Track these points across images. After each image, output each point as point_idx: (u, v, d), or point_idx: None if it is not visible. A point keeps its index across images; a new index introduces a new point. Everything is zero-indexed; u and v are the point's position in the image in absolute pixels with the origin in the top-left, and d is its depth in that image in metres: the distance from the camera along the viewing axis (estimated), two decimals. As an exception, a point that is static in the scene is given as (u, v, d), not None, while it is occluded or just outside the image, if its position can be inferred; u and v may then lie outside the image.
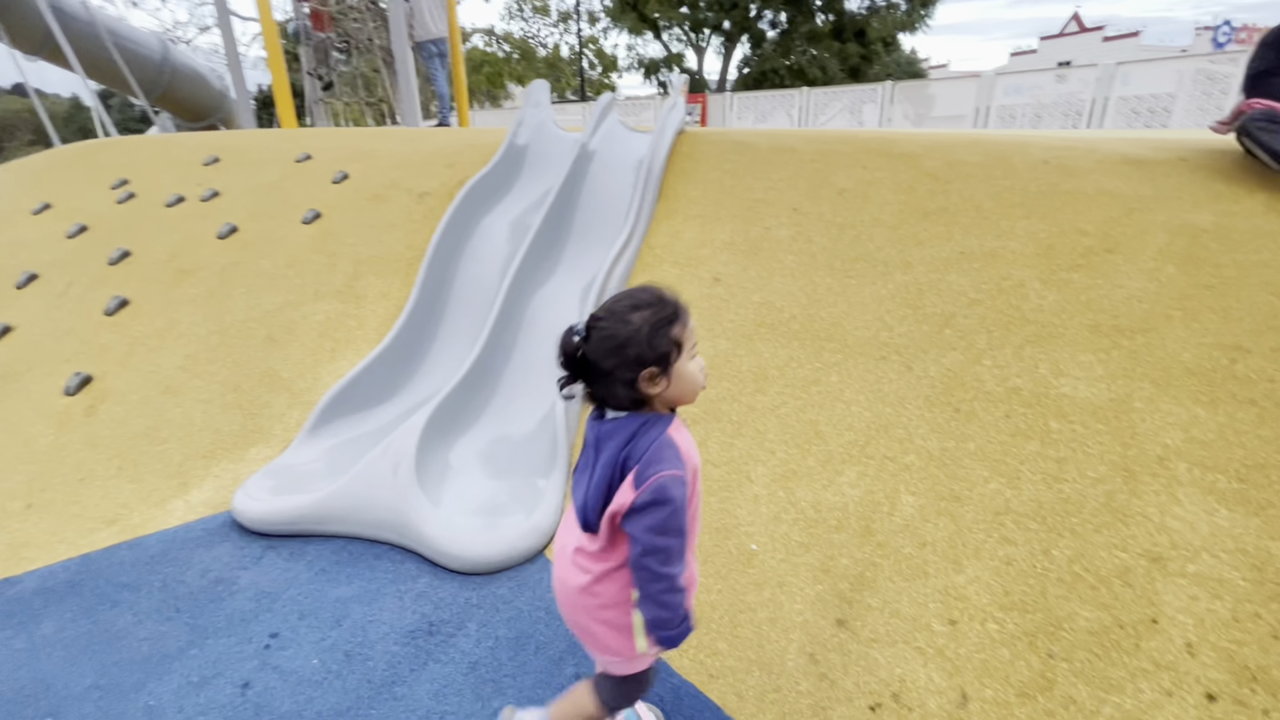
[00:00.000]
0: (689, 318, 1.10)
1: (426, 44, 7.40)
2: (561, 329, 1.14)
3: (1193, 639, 1.51)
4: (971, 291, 2.62)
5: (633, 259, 3.13)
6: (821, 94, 15.35)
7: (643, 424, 1.08)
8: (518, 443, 2.50)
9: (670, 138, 3.70)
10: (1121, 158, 3.35)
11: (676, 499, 1.04)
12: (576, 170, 3.54)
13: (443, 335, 3.06)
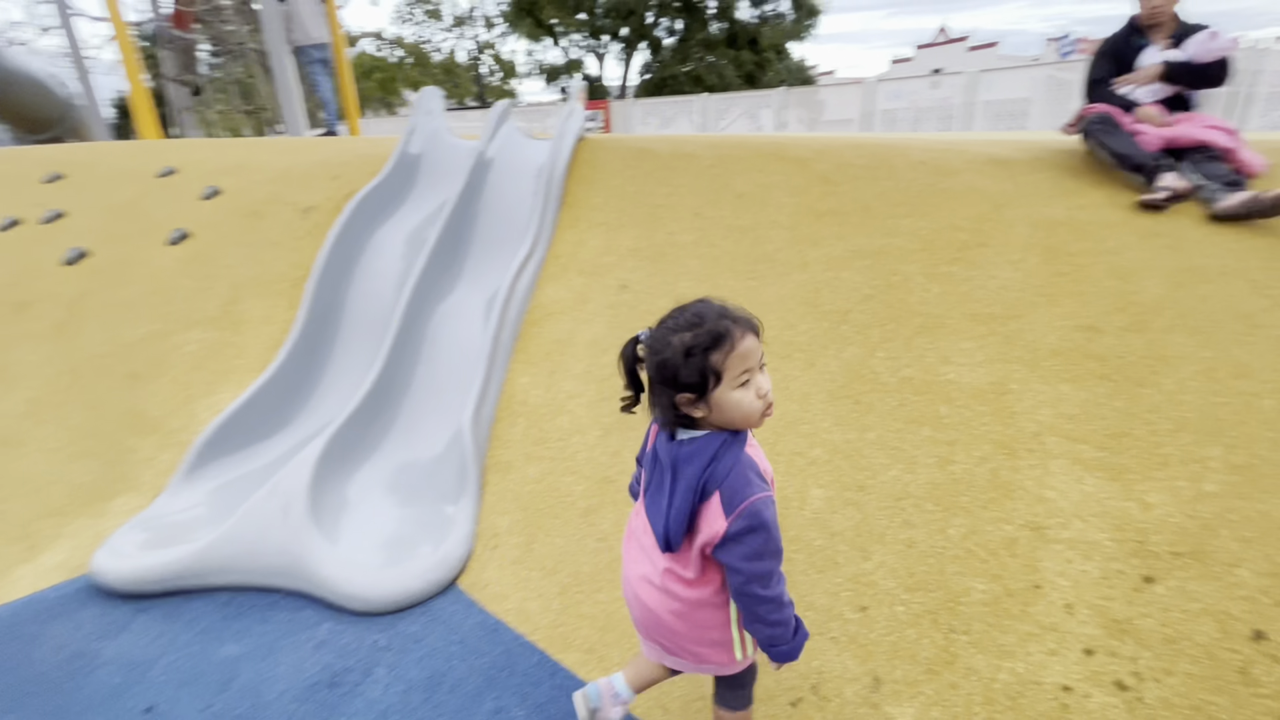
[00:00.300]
0: (741, 342, 1.01)
1: (306, 49, 6.96)
2: (466, 344, 1.07)
3: (1070, 599, 1.64)
4: (864, 288, 2.75)
5: (538, 269, 3.07)
6: (721, 100, 15.84)
7: (722, 444, 1.05)
8: (424, 469, 2.38)
9: (570, 145, 3.66)
10: (987, 158, 3.64)
11: (769, 521, 1.02)
12: (474, 180, 3.43)
13: (336, 359, 2.86)
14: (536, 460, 2.28)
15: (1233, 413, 2.02)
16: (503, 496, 2.20)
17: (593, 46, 25.24)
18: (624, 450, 2.25)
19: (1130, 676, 1.47)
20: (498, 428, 2.44)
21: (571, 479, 2.19)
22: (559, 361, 2.62)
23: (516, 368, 2.65)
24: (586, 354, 2.63)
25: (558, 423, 2.39)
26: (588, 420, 2.37)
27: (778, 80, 23.13)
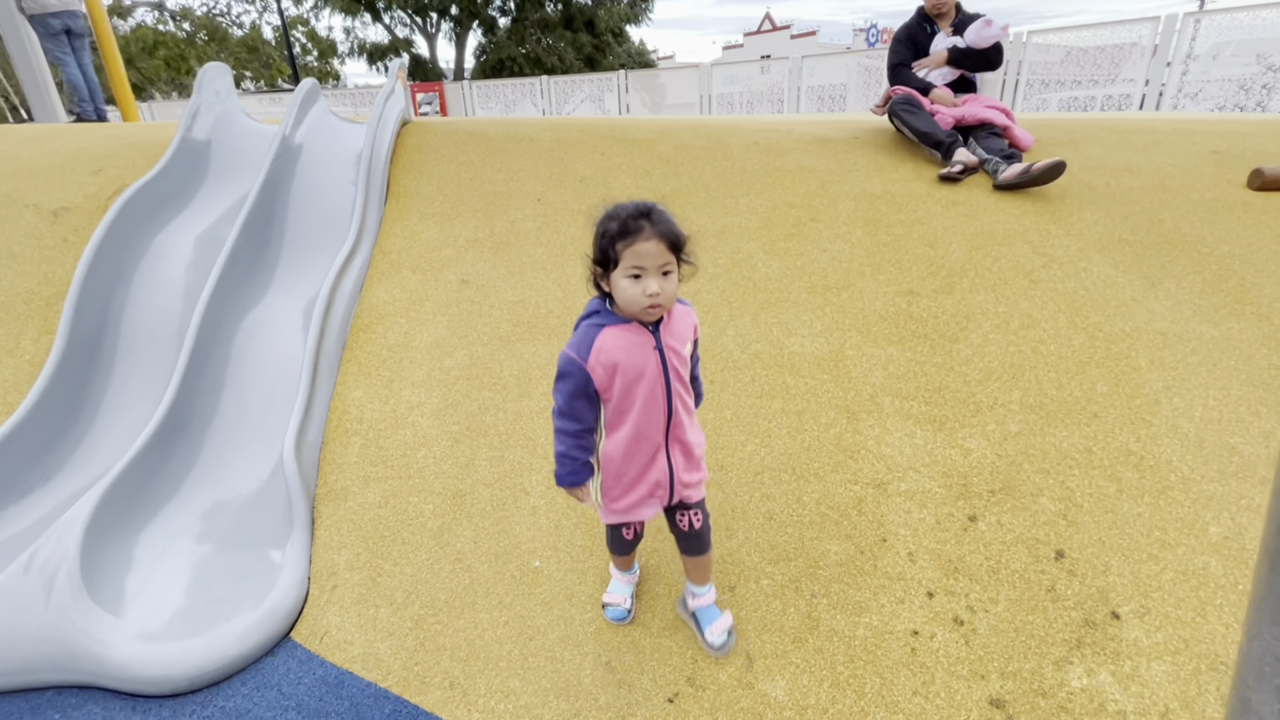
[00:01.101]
0: (642, 243, 1.16)
1: (43, 18, 5.66)
2: (282, 358, 0.95)
3: (912, 548, 1.76)
4: (711, 267, 2.78)
5: (364, 266, 2.75)
6: (564, 82, 15.57)
7: (595, 311, 1.29)
8: (239, 510, 2.03)
9: (392, 128, 3.33)
10: (813, 138, 3.85)
11: (560, 369, 1.28)
12: (279, 169, 3.00)
13: (112, 391, 2.37)
14: (377, 482, 2.04)
15: (1025, 359, 2.29)
16: (339, 528, 1.94)
17: (421, 25, 23.64)
18: (477, 459, 2.08)
19: (965, 611, 1.60)
20: (329, 450, 2.15)
21: (419, 498, 1.99)
22: (396, 369, 2.37)
23: (347, 380, 2.35)
24: (428, 358, 2.40)
25: (399, 437, 2.16)
26: (434, 431, 2.17)
27: (619, 63, 23.26)
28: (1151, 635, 1.50)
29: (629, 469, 1.37)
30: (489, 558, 1.84)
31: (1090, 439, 2.01)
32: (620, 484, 1.40)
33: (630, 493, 1.40)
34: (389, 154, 3.22)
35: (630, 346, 1.26)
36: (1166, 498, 1.82)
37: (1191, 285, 2.56)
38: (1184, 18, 8.75)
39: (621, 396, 1.29)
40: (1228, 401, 2.09)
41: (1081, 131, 3.82)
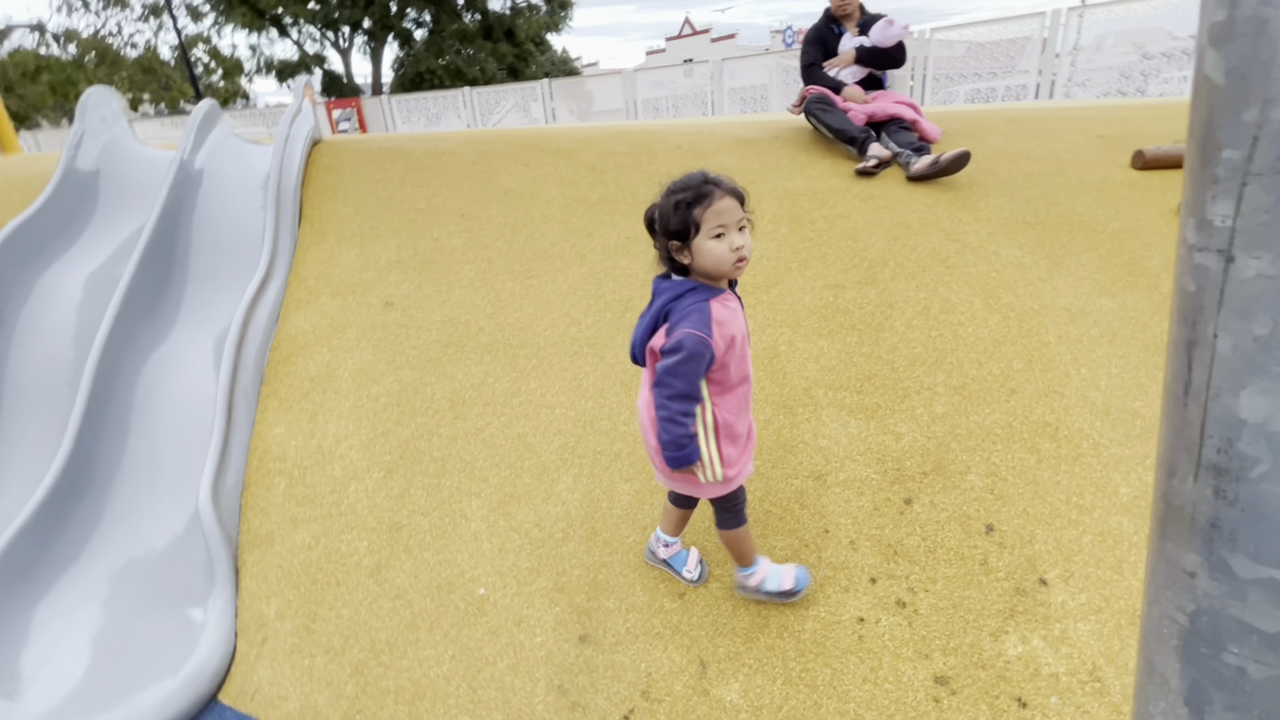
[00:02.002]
0: (718, 201, 1.24)
1: None
2: (192, 400, 0.88)
3: (853, 536, 1.80)
4: (642, 273, 2.78)
5: (279, 295, 2.61)
6: (489, 93, 15.35)
7: (691, 289, 1.30)
8: (153, 568, 1.89)
9: (301, 149, 3.18)
10: (735, 139, 3.91)
11: (689, 350, 1.25)
12: (178, 198, 2.82)
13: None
14: (306, 523, 1.93)
15: (946, 342, 2.38)
16: (267, 576, 1.82)
17: (332, 40, 22.83)
18: (412, 488, 2.00)
19: (906, 593, 1.64)
20: (251, 493, 2.02)
21: (353, 535, 1.89)
22: (320, 400, 2.26)
23: (266, 417, 2.22)
24: (354, 386, 2.30)
25: (328, 473, 2.05)
26: (364, 463, 2.07)
27: (542, 72, 23.15)
28: (1076, 597, 1.58)
29: (741, 428, 1.43)
30: (431, 590, 1.77)
31: (1010, 414, 2.11)
32: (737, 445, 1.43)
33: (745, 451, 1.46)
34: (299, 175, 3.07)
35: (734, 314, 1.33)
36: (1081, 464, 1.93)
37: (1089, 262, 2.74)
38: (1067, 13, 9.41)
39: (735, 362, 1.35)
40: (1128, 369, 2.24)
41: (983, 122, 4.03)
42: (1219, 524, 0.57)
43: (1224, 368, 0.54)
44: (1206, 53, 0.51)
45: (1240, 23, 0.48)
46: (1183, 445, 0.60)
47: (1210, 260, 0.53)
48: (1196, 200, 0.54)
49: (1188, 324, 0.57)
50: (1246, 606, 0.57)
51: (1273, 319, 0.50)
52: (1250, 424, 0.53)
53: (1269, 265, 0.49)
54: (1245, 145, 0.49)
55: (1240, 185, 0.50)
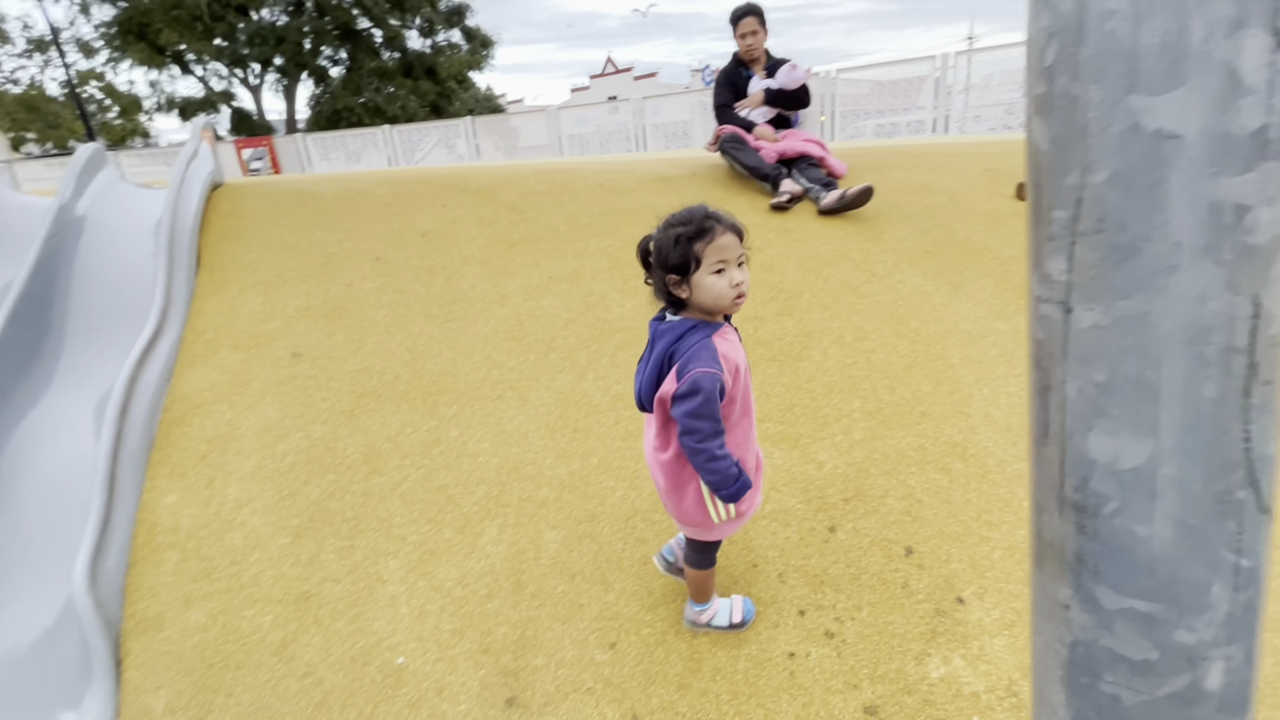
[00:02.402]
0: (720, 237, 1.24)
1: None
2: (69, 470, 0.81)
3: (781, 569, 1.81)
4: (565, 313, 2.76)
5: (173, 350, 2.43)
6: (411, 130, 15.16)
7: (691, 328, 1.30)
8: (19, 666, 1.66)
9: (199, 193, 3.01)
10: (655, 176, 3.99)
11: (705, 390, 1.24)
12: (56, 248, 2.59)
13: None
14: (201, 600, 1.77)
15: (860, 369, 2.48)
16: (155, 665, 1.64)
17: (241, 77, 22.01)
18: (323, 553, 1.87)
19: (834, 623, 1.66)
20: (137, 572, 1.84)
21: (255, 610, 1.74)
22: (219, 464, 2.09)
23: (157, 484, 2.04)
24: (257, 446, 2.15)
25: (227, 542, 1.89)
26: (269, 529, 1.93)
27: (466, 109, 23.11)
28: (990, 613, 1.64)
29: (749, 461, 1.44)
30: (344, 664, 1.64)
31: (923, 436, 2.20)
32: None
33: (754, 484, 1.46)
34: (196, 221, 2.90)
35: (734, 347, 1.35)
36: (988, 481, 2.03)
37: (985, 287, 2.93)
38: (956, 55, 10.29)
39: (740, 396, 1.36)
40: (1024, 387, 2.39)
41: (885, 158, 4.30)
42: (1084, 558, 0.60)
43: (1073, 411, 0.57)
44: (1033, 121, 0.56)
45: (1056, 96, 0.52)
46: (1047, 483, 0.62)
47: (1053, 311, 0.57)
48: (1037, 255, 0.58)
49: (1041, 370, 0.60)
50: (1115, 636, 0.59)
51: (1109, 366, 0.54)
52: (1100, 463, 0.56)
53: (1101, 317, 0.53)
54: (1071, 206, 0.53)
55: (1070, 243, 0.54)
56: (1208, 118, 0.46)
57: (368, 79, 21.30)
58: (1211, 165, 0.47)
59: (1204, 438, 0.52)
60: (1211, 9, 0.44)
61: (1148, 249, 0.50)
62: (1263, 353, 0.50)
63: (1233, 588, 0.55)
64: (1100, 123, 0.49)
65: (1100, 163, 0.50)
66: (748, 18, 3.77)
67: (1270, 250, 0.48)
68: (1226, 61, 0.45)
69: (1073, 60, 0.50)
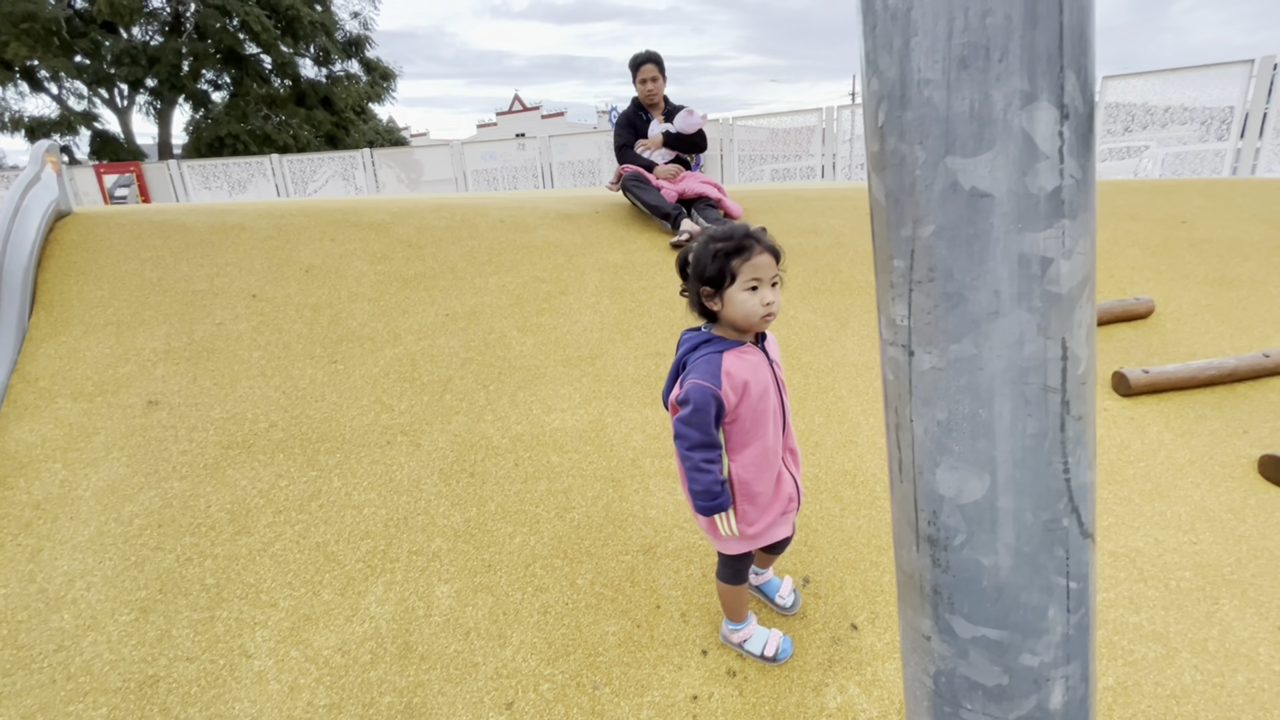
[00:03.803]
0: (757, 256, 1.29)
1: None
2: None
3: (684, 608, 1.79)
4: (463, 351, 2.67)
5: (-5, 403, 2.11)
6: (305, 160, 14.42)
7: (705, 340, 1.37)
8: None
9: (38, 223, 2.68)
10: (558, 214, 4.00)
11: (697, 403, 1.30)
12: None
13: None
14: (15, 697, 1.49)
15: (757, 402, 2.55)
16: (-54, 785, 1.37)
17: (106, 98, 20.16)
18: (175, 629, 1.65)
19: (736, 661, 1.65)
20: (-71, 671, 1.53)
21: (85, 704, 1.50)
22: (46, 532, 1.81)
23: (-37, 562, 1.73)
24: (98, 509, 1.88)
25: (53, 625, 1.63)
26: (108, 604, 1.68)
27: (365, 140, 22.35)
28: (882, 637, 1.70)
29: (761, 487, 1.42)
30: (196, 758, 1.44)
31: (817, 466, 2.29)
32: (756, 505, 1.43)
33: (767, 513, 1.45)
34: (33, 254, 2.57)
35: (751, 366, 1.35)
36: (876, 507, 2.13)
37: (869, 322, 3.13)
38: (839, 109, 11.21)
39: (749, 415, 1.36)
40: (905, 414, 2.55)
41: (778, 201, 4.55)
42: (940, 590, 0.62)
43: (921, 449, 0.60)
44: (871, 177, 0.59)
45: (888, 154, 0.55)
46: (904, 518, 0.65)
47: (898, 354, 0.60)
48: (882, 300, 0.61)
49: (892, 409, 0.63)
50: (970, 664, 0.62)
51: (948, 405, 0.57)
52: (947, 498, 0.59)
53: (938, 359, 0.56)
54: (906, 256, 0.56)
55: (909, 290, 0.57)
56: (1012, 179, 0.50)
57: (255, 105, 20.13)
58: (1019, 221, 0.51)
59: (1030, 470, 0.56)
60: (1008, 83, 0.49)
61: (972, 296, 0.53)
62: (1073, 390, 0.54)
63: (1066, 610, 0.58)
64: (925, 180, 0.53)
65: (928, 217, 0.54)
66: (648, 64, 3.93)
67: (1072, 298, 0.53)
68: (1023, 129, 0.49)
69: (899, 122, 0.54)
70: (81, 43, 18.24)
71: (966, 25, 0.49)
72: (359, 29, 22.04)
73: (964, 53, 0.49)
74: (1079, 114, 0.50)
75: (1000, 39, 0.48)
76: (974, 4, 0.48)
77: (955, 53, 0.49)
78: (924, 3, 0.50)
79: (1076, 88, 0.49)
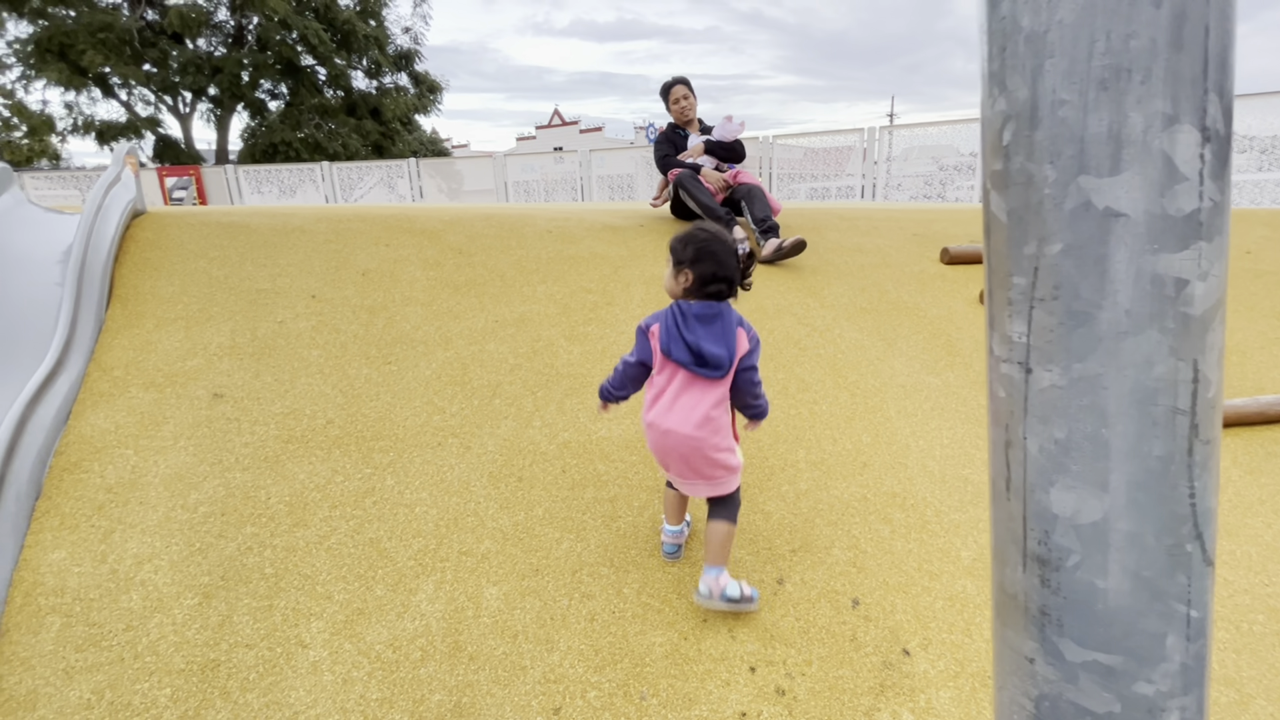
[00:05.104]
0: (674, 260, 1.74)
1: None
2: None
3: (731, 623, 1.77)
4: (511, 358, 2.71)
5: (73, 388, 2.21)
6: (352, 168, 14.91)
7: (730, 308, 1.76)
8: None
9: (117, 221, 2.82)
10: (603, 226, 4.06)
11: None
12: (-58, 273, 2.35)
13: None
14: (85, 673, 1.56)
15: (804, 419, 2.53)
16: (23, 752, 1.42)
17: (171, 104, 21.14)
18: (235, 615, 1.70)
19: (785, 679, 1.63)
20: (9, 641, 1.60)
21: (151, 683, 1.55)
22: (118, 515, 1.89)
23: (42, 539, 1.81)
24: (166, 495, 1.96)
25: (122, 605, 1.69)
26: (174, 588, 1.74)
27: (409, 151, 22.98)
28: (935, 665, 1.66)
29: None
30: (254, 743, 1.47)
31: (864, 487, 2.26)
32: None
33: None
34: (112, 250, 2.71)
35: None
36: (927, 531, 2.09)
37: (916, 343, 3.09)
38: (880, 130, 11.15)
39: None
40: (956, 439, 2.51)
41: (822, 219, 4.54)
42: (1048, 611, 0.61)
43: (1035, 467, 0.60)
44: (991, 194, 0.60)
45: (1013, 173, 0.56)
46: (1009, 537, 0.64)
47: (1013, 371, 0.60)
48: (997, 317, 0.61)
49: (1001, 426, 0.63)
50: (1079, 690, 0.61)
51: (1068, 424, 0.56)
52: (1061, 518, 0.58)
53: (1059, 377, 0.56)
54: (1029, 274, 0.57)
55: (1029, 308, 0.57)
56: (1149, 200, 0.50)
57: (308, 115, 20.90)
58: (1153, 242, 0.51)
59: (1154, 493, 0.55)
60: (1149, 105, 0.49)
61: (1100, 316, 0.53)
62: (1203, 414, 0.54)
63: (1185, 638, 0.57)
64: (1054, 199, 0.53)
65: (1055, 235, 0.54)
66: (678, 86, 4.07)
67: (1205, 320, 0.52)
68: (1163, 151, 0.49)
69: (1028, 142, 0.54)
70: (151, 52, 19.20)
71: (1109, 48, 0.49)
72: (409, 43, 22.79)
73: (1104, 75, 0.50)
74: (1219, 137, 0.50)
75: (1144, 61, 0.48)
76: (1116, 27, 0.49)
77: (1095, 74, 0.50)
78: (1062, 25, 0.51)
79: (1219, 111, 0.49)
